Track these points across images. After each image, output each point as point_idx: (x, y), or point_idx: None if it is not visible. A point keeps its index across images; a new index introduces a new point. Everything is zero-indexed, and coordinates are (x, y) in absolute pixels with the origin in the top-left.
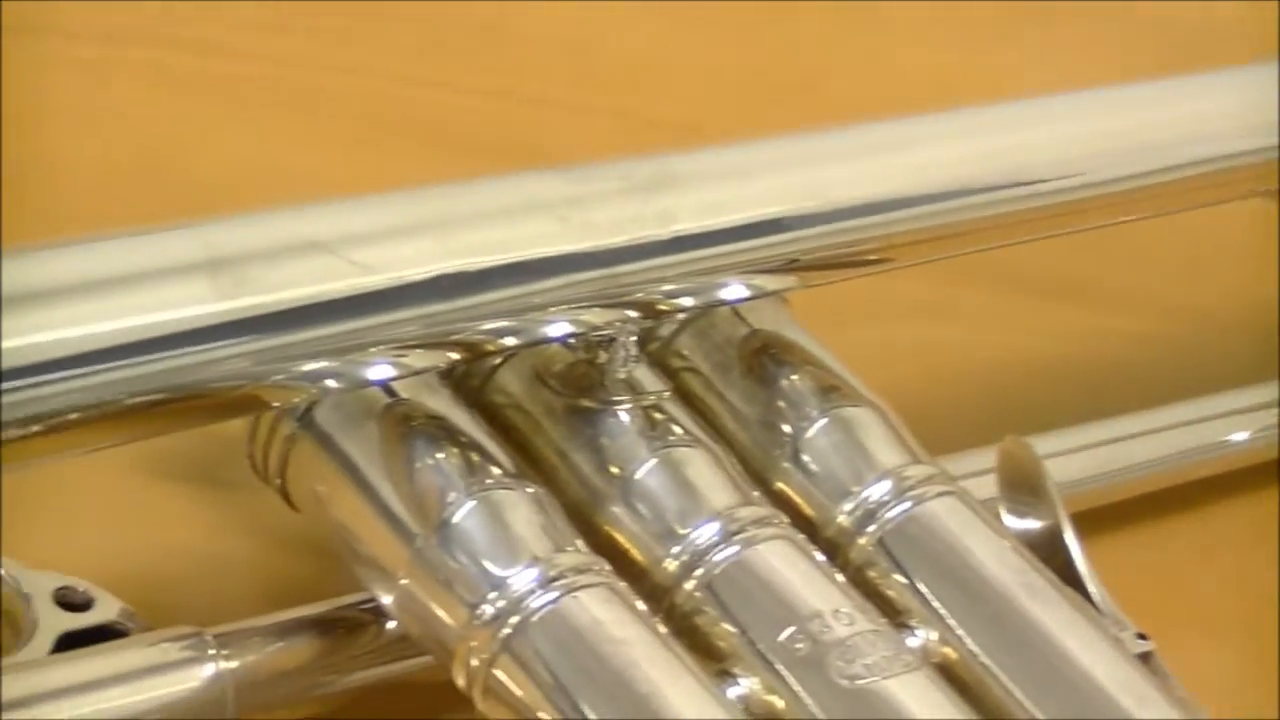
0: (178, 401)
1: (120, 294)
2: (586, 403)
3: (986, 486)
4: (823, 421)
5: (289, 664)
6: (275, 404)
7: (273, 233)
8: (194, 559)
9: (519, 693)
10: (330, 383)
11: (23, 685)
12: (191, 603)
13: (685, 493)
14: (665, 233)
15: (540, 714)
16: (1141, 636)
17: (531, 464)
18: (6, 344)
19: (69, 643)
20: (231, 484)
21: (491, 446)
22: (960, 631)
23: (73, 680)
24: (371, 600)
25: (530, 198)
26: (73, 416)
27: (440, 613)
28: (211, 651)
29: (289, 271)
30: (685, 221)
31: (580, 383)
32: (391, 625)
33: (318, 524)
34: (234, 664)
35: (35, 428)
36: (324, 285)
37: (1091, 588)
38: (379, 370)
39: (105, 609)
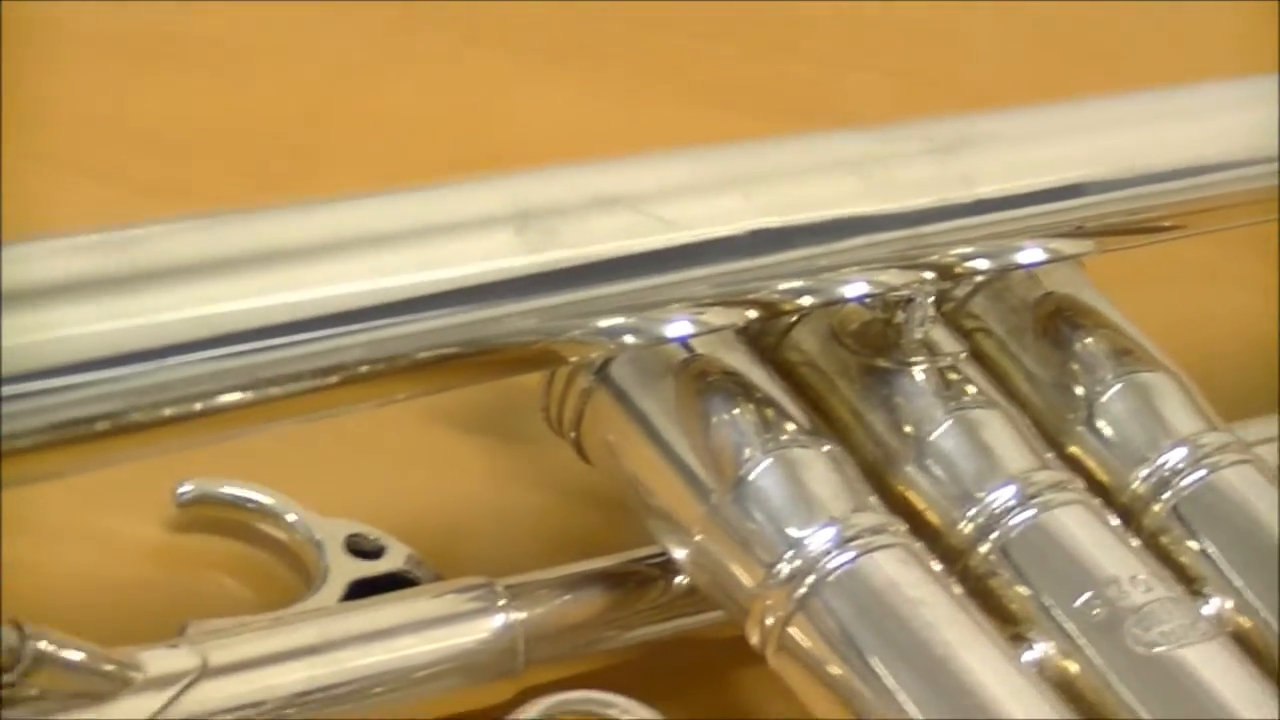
0: (477, 355)
1: (427, 246)
2: (882, 362)
3: (1271, 454)
4: (1118, 386)
5: (577, 617)
6: (572, 359)
7: (579, 188)
8: (482, 509)
9: (813, 652)
10: (628, 338)
11: (313, 632)
12: (478, 553)
13: (981, 455)
14: (967, 195)
15: (834, 673)
16: None
17: (825, 423)
18: (300, 295)
19: (359, 590)
20: (522, 436)
21: (788, 404)
22: (1255, 600)
23: (363, 628)
24: (660, 555)
25: (835, 156)
26: (365, 370)
27: (735, 570)
28: (502, 603)
29: (595, 227)
30: (986, 184)
31: (876, 342)
32: (679, 580)
33: (610, 478)
34: (523, 615)
35: (333, 379)
36: (629, 241)
37: None
38: (677, 327)
39: (395, 557)
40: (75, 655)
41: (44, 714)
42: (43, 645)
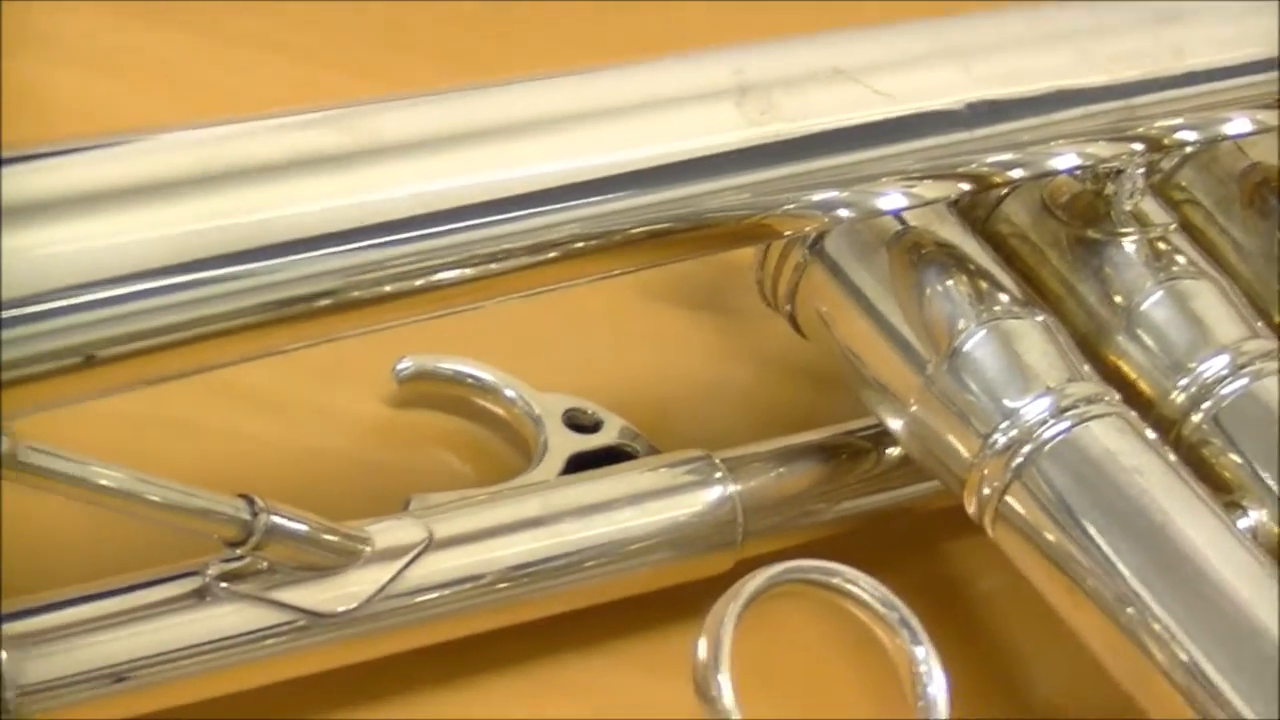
0: (693, 230)
1: (649, 120)
2: (1093, 234)
3: None
4: None
5: (792, 489)
6: (786, 233)
7: (801, 61)
8: (695, 384)
9: (1030, 520)
10: (843, 212)
11: (535, 505)
12: (691, 428)
13: (1192, 325)
14: (1177, 67)
15: (1051, 540)
16: None
17: (1037, 294)
18: (520, 172)
19: (578, 464)
20: (734, 312)
21: (1001, 275)
22: None
23: (584, 501)
24: (872, 428)
25: (1050, 30)
26: (581, 245)
27: (951, 441)
28: (719, 475)
29: (815, 100)
30: (1196, 56)
31: (1086, 214)
32: (890, 453)
33: (824, 351)
34: (741, 487)
35: (551, 254)
36: (849, 114)
37: None
38: (891, 200)
39: (611, 431)
40: (305, 528)
41: (275, 585)
42: (274, 518)
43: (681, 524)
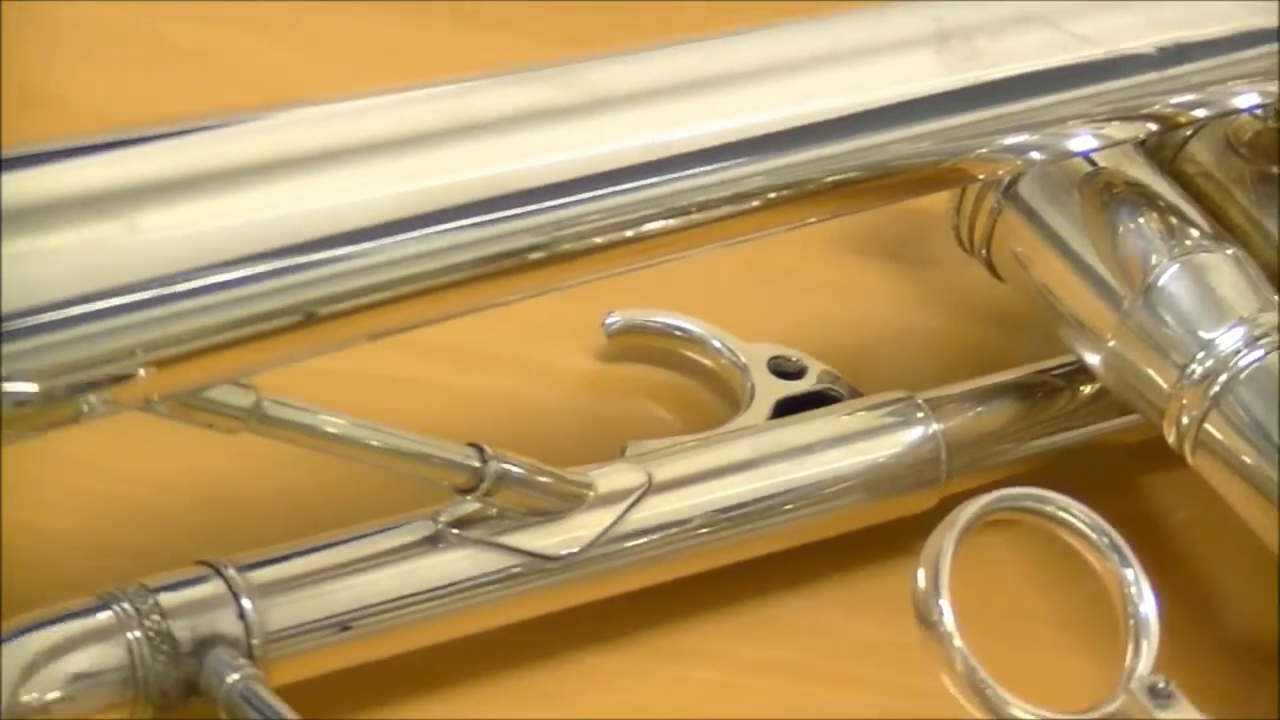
0: (888, 177)
1: (850, 69)
2: (1276, 169)
3: None
4: None
5: (991, 426)
6: (980, 176)
7: (999, 6)
8: (886, 330)
9: (1229, 445)
10: (1034, 154)
11: (747, 448)
12: (885, 372)
13: None
14: None
15: (1250, 464)
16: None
17: (1223, 230)
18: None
19: (785, 409)
20: (918, 260)
21: (1190, 211)
22: None
23: (794, 443)
24: (1065, 365)
25: None
26: (773, 196)
27: (1150, 373)
28: (921, 415)
29: (1013, 44)
30: None
31: (1269, 150)
32: (1084, 390)
33: (1020, 291)
34: (943, 426)
35: (754, 203)
36: (1046, 58)
37: None
38: (1081, 141)
39: (814, 376)
40: (533, 474)
41: (503, 531)
42: (503, 465)
43: (887, 463)
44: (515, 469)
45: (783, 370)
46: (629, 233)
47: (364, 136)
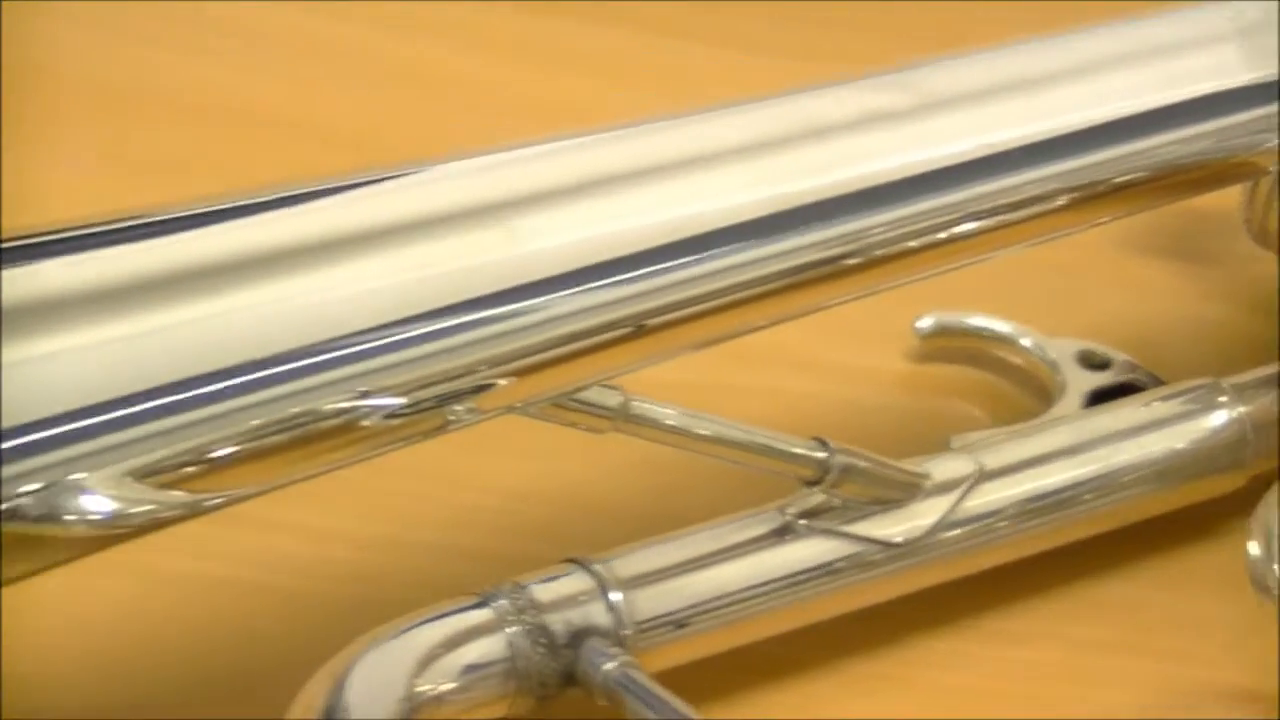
0: (1184, 173)
1: (1152, 67)
2: None
3: None
4: None
5: None
6: (1270, 168)
7: None
8: (1178, 323)
9: None
10: None
11: (1068, 436)
12: (1179, 362)
13: None
14: None
15: None
16: None
17: None
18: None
19: (1095, 399)
20: (1205, 255)
21: None
22: None
23: (1110, 429)
24: None
25: None
26: (1076, 196)
27: None
28: (1225, 399)
29: None
30: None
31: None
32: None
33: None
34: (1248, 409)
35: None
36: None
37: None
38: None
39: (1119, 367)
40: (874, 466)
41: (847, 520)
42: (848, 458)
43: (1197, 447)
44: (859, 461)
45: (1090, 363)
46: (943, 234)
47: (720, 145)
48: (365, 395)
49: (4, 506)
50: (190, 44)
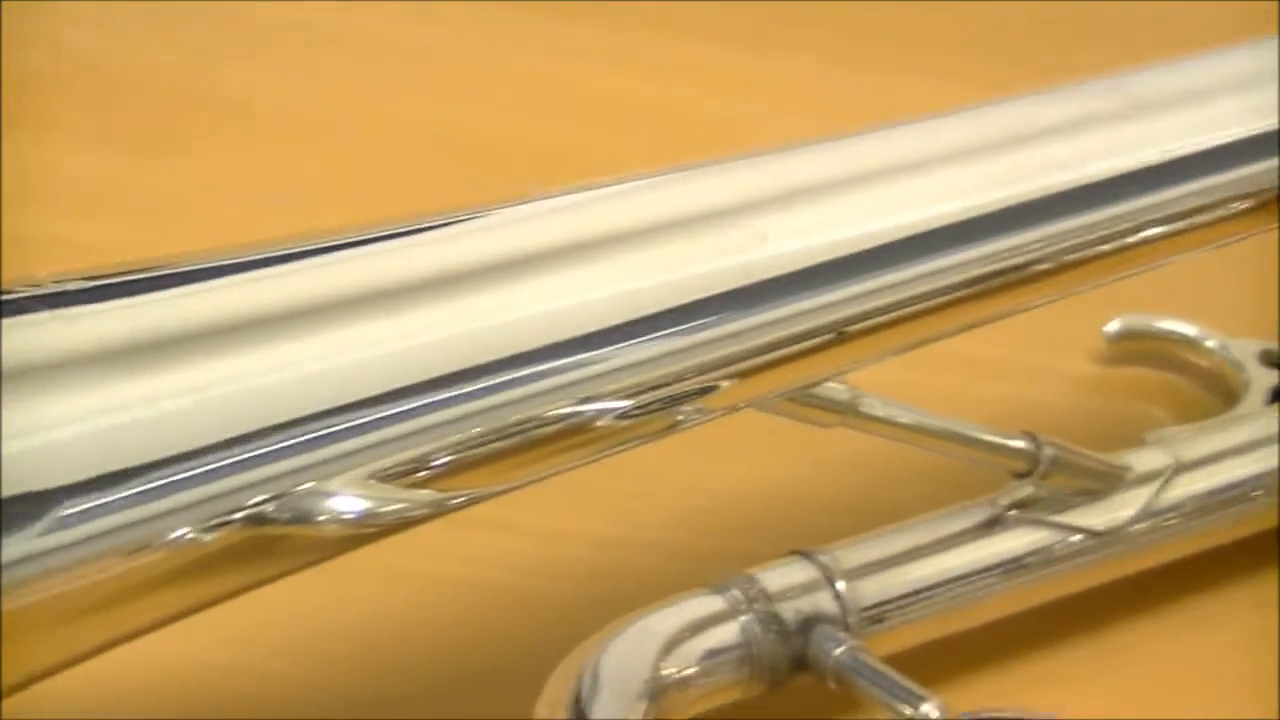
0: None
1: None
2: None
3: None
4: None
5: None
6: None
7: None
8: None
9: None
10: None
11: (1259, 428)
12: None
13: None
14: None
15: None
16: None
17: None
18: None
19: (1278, 396)
20: None
21: None
22: None
23: None
24: None
25: None
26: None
27: None
28: None
29: None
30: None
31: None
32: None
33: None
34: None
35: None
36: None
37: None
38: None
39: None
40: (1079, 458)
41: (1055, 510)
42: (1056, 450)
43: None
44: (1066, 454)
45: (1272, 361)
46: (1131, 239)
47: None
48: (599, 398)
49: (258, 510)
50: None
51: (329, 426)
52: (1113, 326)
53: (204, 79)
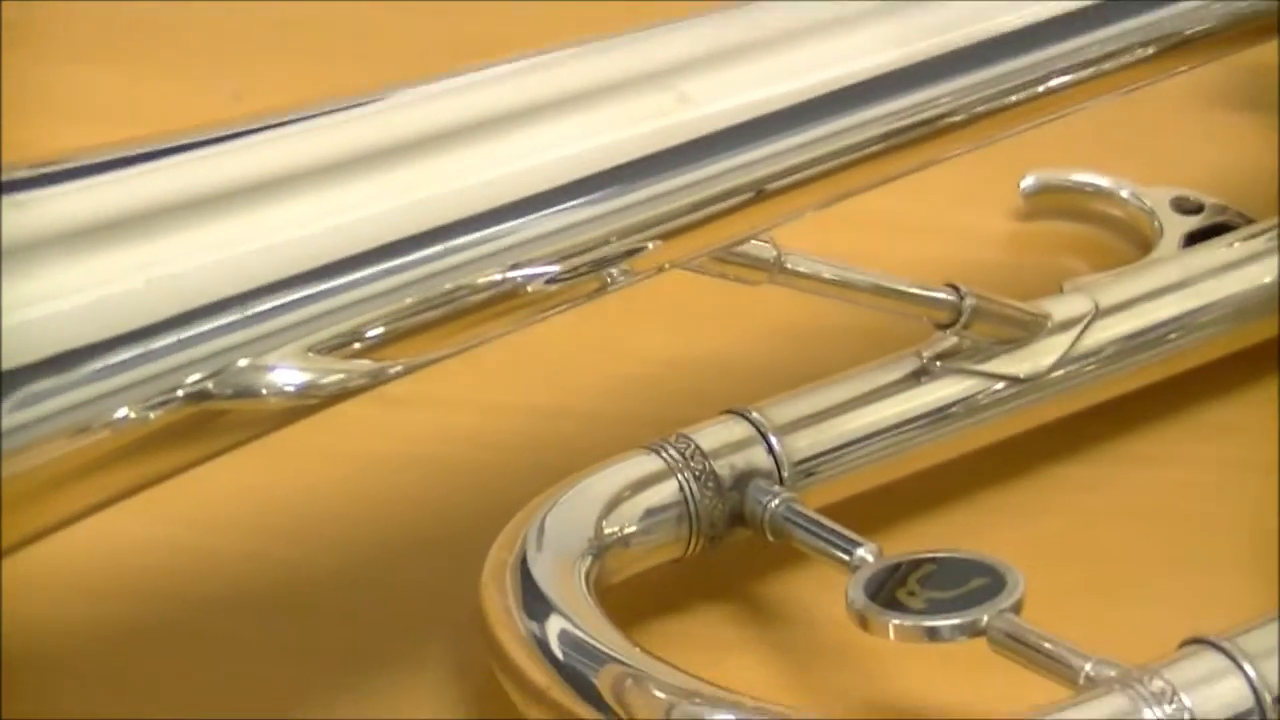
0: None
1: None
2: None
3: None
4: None
5: None
6: None
7: None
8: (1263, 169)
9: None
10: None
11: (1174, 272)
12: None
13: None
14: None
15: None
16: None
17: None
18: None
19: (1191, 240)
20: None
21: None
22: None
23: (1214, 264)
24: None
25: None
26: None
27: None
28: None
29: None
30: None
31: None
32: None
33: None
34: None
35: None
36: None
37: None
38: None
39: (1211, 210)
40: (1003, 307)
41: (978, 359)
42: (978, 300)
43: None
44: (987, 303)
45: (1184, 208)
46: (1040, 88)
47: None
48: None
49: (200, 386)
50: None
51: (266, 302)
52: (1028, 181)
53: None
